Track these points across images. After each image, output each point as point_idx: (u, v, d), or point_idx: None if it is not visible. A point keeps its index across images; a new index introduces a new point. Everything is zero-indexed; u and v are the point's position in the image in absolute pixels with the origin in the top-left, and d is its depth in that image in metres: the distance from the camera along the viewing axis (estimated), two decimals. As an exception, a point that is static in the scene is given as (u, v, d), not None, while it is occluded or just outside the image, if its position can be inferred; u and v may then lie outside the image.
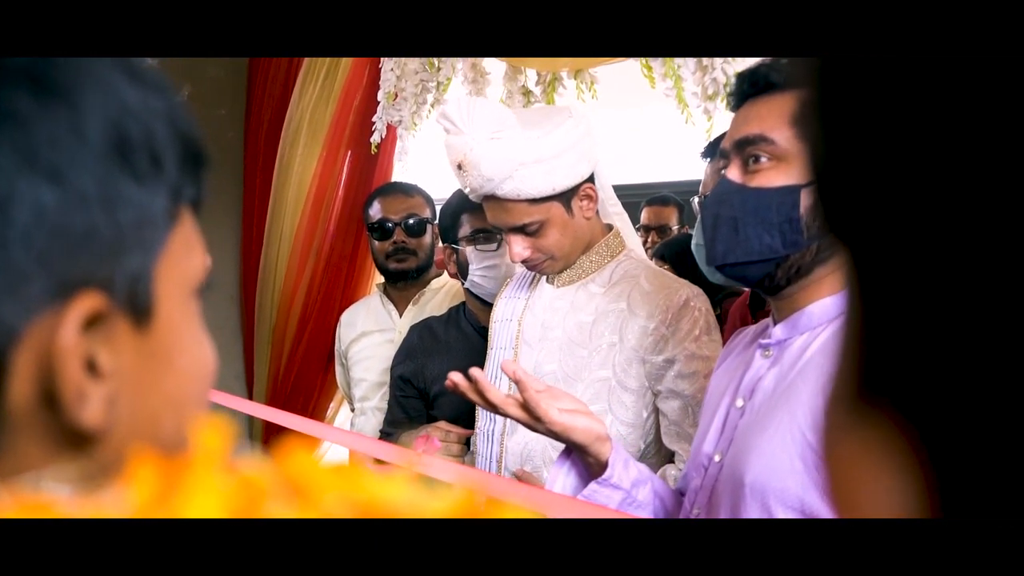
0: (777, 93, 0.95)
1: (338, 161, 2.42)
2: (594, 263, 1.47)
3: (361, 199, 2.27)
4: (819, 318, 0.94)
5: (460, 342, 1.80)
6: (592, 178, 1.44)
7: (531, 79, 2.17)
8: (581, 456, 1.06)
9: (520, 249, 1.41)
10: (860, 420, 0.23)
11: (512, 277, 1.64)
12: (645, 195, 3.46)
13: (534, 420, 1.01)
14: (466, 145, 1.35)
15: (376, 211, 2.06)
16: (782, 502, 0.89)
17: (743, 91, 0.99)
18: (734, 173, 0.96)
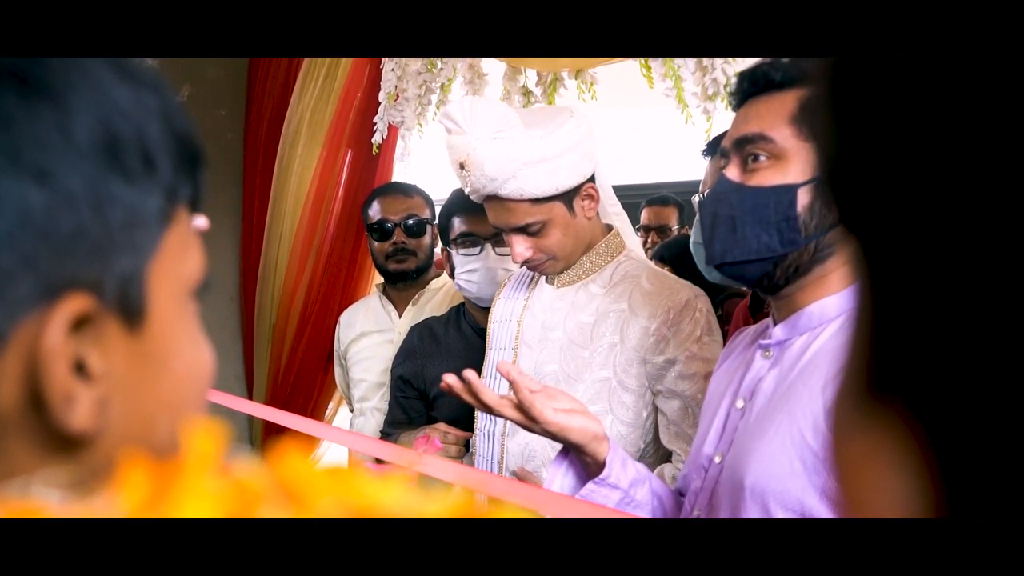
0: (777, 92, 0.95)
1: (338, 161, 2.42)
2: (595, 263, 1.46)
3: (361, 199, 2.27)
4: (819, 318, 0.94)
5: (460, 343, 1.80)
6: (593, 178, 1.44)
7: (531, 79, 2.16)
8: (579, 455, 1.05)
9: (522, 250, 1.41)
10: (868, 418, 0.23)
11: (510, 278, 1.64)
12: (645, 195, 3.46)
13: (529, 421, 1.00)
14: (469, 145, 1.34)
15: (376, 211, 2.05)
16: (782, 504, 0.89)
17: (744, 90, 0.99)
18: (733, 172, 0.96)
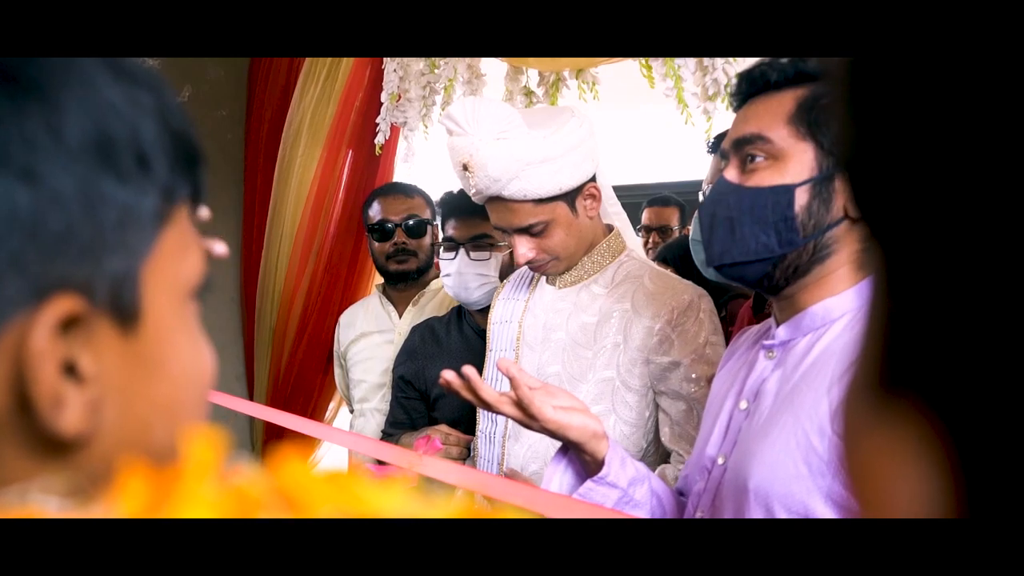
0: (775, 92, 0.95)
1: (339, 162, 2.42)
2: (596, 264, 1.46)
3: (361, 200, 2.27)
4: (823, 318, 0.94)
5: (461, 344, 1.80)
6: (594, 178, 1.44)
7: (533, 79, 2.16)
8: (578, 453, 1.04)
9: (525, 250, 1.40)
10: (883, 414, 0.22)
11: (510, 277, 1.64)
12: (645, 195, 3.46)
13: (528, 418, 0.99)
14: (472, 146, 1.34)
15: (376, 212, 2.05)
16: (786, 507, 0.88)
17: (743, 91, 0.99)
18: (731, 173, 0.96)
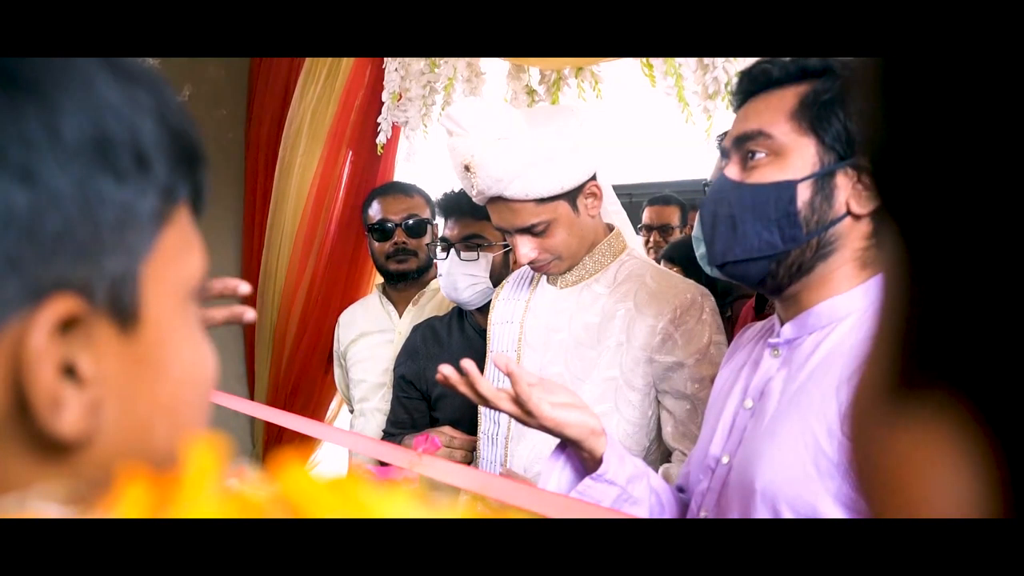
0: (777, 89, 0.95)
1: (339, 161, 2.42)
2: (598, 263, 1.46)
3: (362, 200, 2.27)
4: (828, 317, 0.94)
5: (462, 344, 1.80)
6: (595, 176, 1.44)
7: (534, 78, 2.16)
8: (576, 450, 1.03)
9: (527, 250, 1.40)
10: (909, 413, 0.22)
11: (510, 278, 1.63)
12: (646, 195, 3.47)
13: (526, 415, 0.98)
14: (473, 146, 1.34)
15: (376, 211, 2.05)
16: (794, 508, 0.87)
17: (744, 89, 0.99)
18: (732, 170, 0.96)
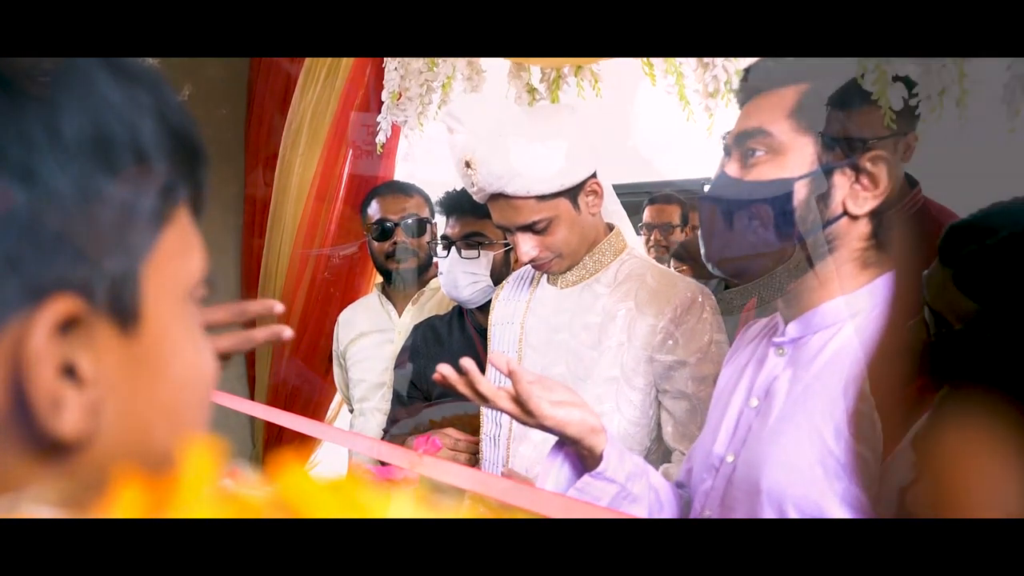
0: (779, 87, 0.95)
1: (339, 161, 2.42)
2: (598, 262, 1.46)
3: (361, 199, 2.27)
4: (832, 317, 0.93)
5: (462, 343, 1.80)
6: (595, 174, 1.44)
7: (535, 76, 2.16)
8: (575, 448, 1.02)
9: (528, 248, 1.40)
10: (948, 414, 0.21)
11: (510, 278, 1.63)
12: (646, 195, 3.46)
13: (525, 414, 0.97)
14: (474, 143, 1.34)
15: (375, 211, 2.05)
16: (800, 508, 0.87)
17: (747, 87, 0.99)
18: (732, 168, 0.96)
